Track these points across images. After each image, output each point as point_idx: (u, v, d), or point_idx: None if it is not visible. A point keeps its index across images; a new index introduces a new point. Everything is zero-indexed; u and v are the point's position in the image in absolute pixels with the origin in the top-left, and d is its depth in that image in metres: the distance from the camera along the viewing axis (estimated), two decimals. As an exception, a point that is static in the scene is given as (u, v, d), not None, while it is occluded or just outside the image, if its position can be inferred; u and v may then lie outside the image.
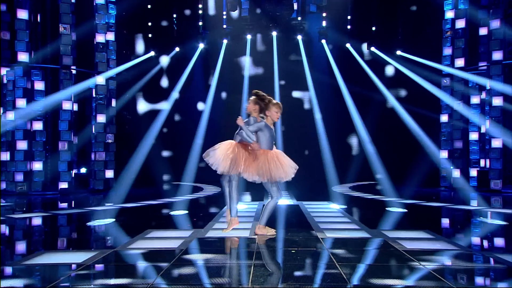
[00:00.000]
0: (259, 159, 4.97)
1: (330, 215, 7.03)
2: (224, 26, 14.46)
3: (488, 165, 11.51)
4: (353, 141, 14.61)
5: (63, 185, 11.29)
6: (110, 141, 12.38)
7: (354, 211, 7.84)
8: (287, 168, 5.06)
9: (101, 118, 12.11)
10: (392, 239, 4.90)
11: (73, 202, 9.54)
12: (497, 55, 11.13)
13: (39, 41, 11.82)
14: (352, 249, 4.57)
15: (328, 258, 4.13)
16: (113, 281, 3.47)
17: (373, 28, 14.50)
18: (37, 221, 6.88)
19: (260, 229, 5.16)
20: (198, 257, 4.21)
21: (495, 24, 11.10)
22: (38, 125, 11.34)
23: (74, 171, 11.94)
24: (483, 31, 11.61)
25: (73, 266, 3.80)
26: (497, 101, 11.10)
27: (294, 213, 7.27)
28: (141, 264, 3.95)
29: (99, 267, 3.85)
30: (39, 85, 11.36)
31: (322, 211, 7.50)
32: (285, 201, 8.88)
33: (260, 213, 5.62)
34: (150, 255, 4.26)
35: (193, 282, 3.34)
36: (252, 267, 3.71)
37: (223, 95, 15.01)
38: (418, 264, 3.83)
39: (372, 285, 3.31)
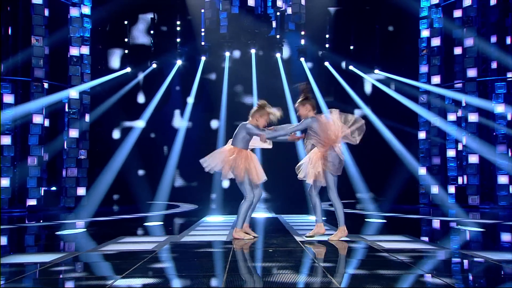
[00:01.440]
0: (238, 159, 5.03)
1: (310, 224, 7.05)
2: (202, 43, 14.65)
3: (465, 182, 11.80)
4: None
5: (32, 202, 11.00)
6: (83, 157, 12.17)
7: (333, 221, 7.87)
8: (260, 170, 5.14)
9: (73, 133, 11.93)
10: (371, 241, 4.97)
11: (41, 218, 9.30)
12: (471, 72, 11.56)
13: (9, 53, 11.70)
14: (330, 248, 4.61)
15: (307, 255, 4.16)
16: (79, 276, 3.41)
17: (351, 47, 14.93)
18: (3, 232, 6.68)
19: (237, 233, 5.15)
20: (171, 257, 4.17)
21: (469, 42, 11.60)
22: (6, 140, 11.09)
23: (43, 188, 11.66)
24: (457, 51, 12.09)
25: (40, 265, 3.71)
26: (473, 117, 11.48)
27: (273, 224, 7.27)
28: (111, 263, 3.88)
29: (67, 265, 3.77)
30: (9, 98, 11.16)
31: (301, 221, 7.53)
32: (263, 214, 8.88)
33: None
34: (121, 256, 4.19)
35: (163, 281, 3.32)
36: (228, 264, 3.70)
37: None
38: (396, 258, 3.89)
39: (351, 276, 3.35)
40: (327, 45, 14.92)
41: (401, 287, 3.00)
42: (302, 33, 14.53)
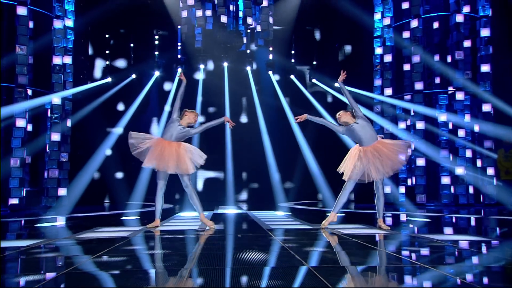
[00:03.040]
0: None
1: (276, 218, 7.03)
2: (179, 56, 14.54)
3: (414, 182, 12.08)
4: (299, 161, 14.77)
5: (14, 201, 10.50)
6: (64, 159, 11.74)
7: (298, 215, 7.88)
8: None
9: (55, 136, 11.52)
10: (332, 229, 4.97)
11: (22, 215, 8.88)
12: (418, 86, 11.93)
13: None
14: (294, 234, 4.58)
15: (273, 240, 4.11)
16: (54, 255, 3.25)
17: (314, 62, 15.17)
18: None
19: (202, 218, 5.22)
20: (144, 242, 4.04)
21: (416, 59, 11.98)
22: (-11, 142, 10.60)
23: (25, 189, 11.15)
24: (406, 67, 12.45)
25: (16, 249, 3.52)
26: (420, 125, 11.83)
27: (242, 218, 7.19)
28: (85, 246, 3.72)
29: (42, 248, 3.58)
30: (-8, 103, 10.71)
31: (269, 215, 7.49)
32: (233, 210, 8.79)
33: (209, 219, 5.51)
34: (96, 241, 4.03)
35: (136, 258, 3.20)
36: (199, 246, 3.61)
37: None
38: (355, 240, 3.90)
39: (313, 253, 3.33)
40: (292, 60, 15.10)
41: (358, 260, 3.00)
42: (270, 48, 14.64)
